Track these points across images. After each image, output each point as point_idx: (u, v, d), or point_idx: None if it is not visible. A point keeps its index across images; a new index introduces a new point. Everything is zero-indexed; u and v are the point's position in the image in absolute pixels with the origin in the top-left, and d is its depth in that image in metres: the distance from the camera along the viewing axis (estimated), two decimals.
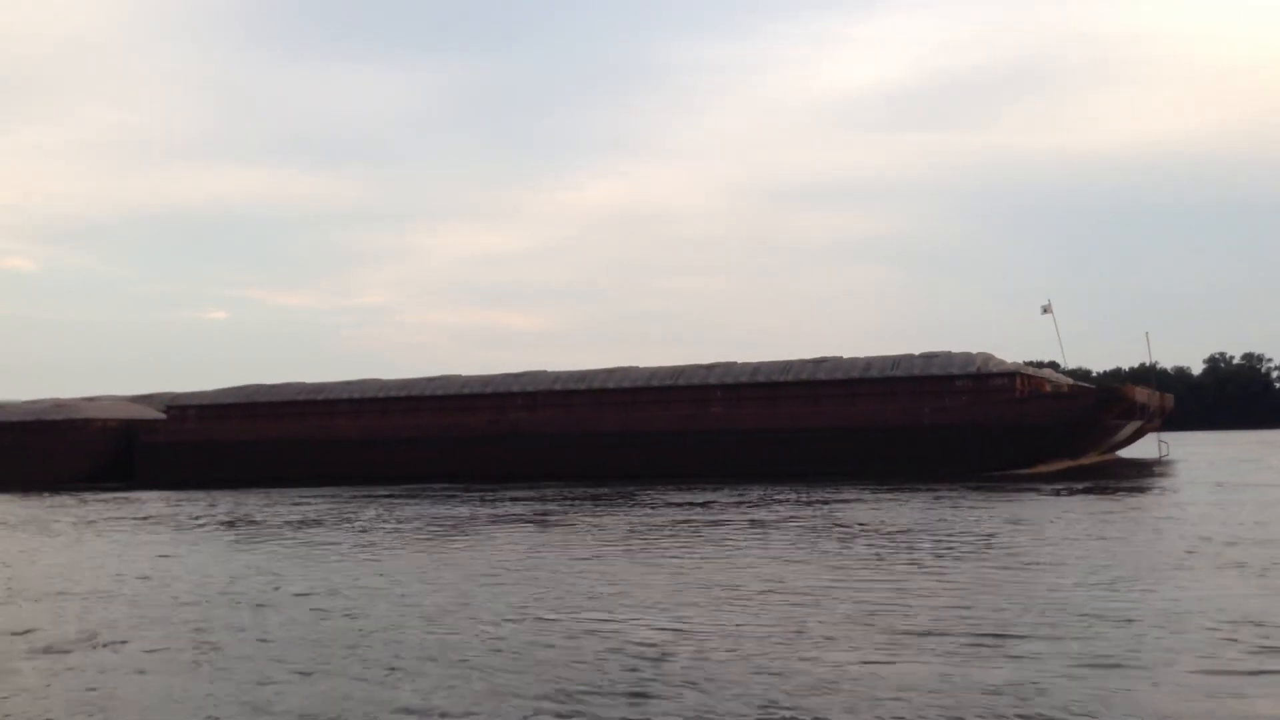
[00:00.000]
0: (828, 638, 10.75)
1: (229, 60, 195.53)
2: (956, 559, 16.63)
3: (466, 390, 53.21)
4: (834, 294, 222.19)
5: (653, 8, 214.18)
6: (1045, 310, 51.11)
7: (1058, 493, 30.21)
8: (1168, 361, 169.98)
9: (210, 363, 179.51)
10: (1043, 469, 42.52)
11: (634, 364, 52.58)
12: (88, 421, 58.34)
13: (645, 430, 48.16)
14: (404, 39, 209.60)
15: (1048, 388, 46.83)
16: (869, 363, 46.42)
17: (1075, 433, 42.81)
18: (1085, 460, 47.66)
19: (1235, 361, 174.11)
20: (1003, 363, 44.49)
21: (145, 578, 17.54)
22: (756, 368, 48.62)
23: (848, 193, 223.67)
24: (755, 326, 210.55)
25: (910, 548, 18.20)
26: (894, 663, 9.52)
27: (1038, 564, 15.81)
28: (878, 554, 17.54)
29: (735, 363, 49.75)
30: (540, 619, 12.31)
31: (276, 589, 15.66)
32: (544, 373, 53.14)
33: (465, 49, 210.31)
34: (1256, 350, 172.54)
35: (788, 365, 48.03)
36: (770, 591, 13.89)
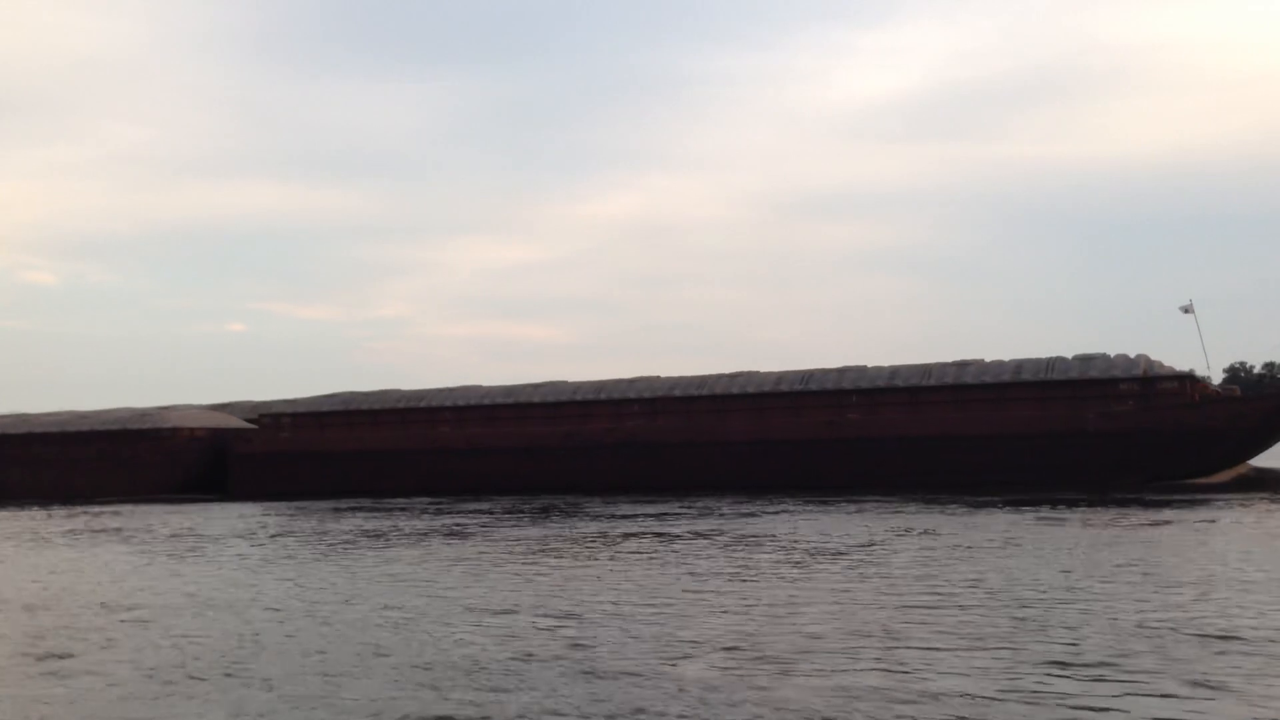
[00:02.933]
0: None
1: (248, 76, 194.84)
2: None
3: (579, 396, 50.78)
4: (853, 304, 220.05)
5: (669, 20, 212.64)
6: (1187, 310, 48.26)
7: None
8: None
9: (230, 374, 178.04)
10: (1217, 479, 39.79)
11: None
12: (175, 431, 56.30)
13: (776, 439, 45.59)
14: (422, 53, 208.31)
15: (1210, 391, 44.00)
16: (1019, 365, 43.69)
17: (1257, 439, 39.99)
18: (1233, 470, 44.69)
19: (1255, 371, 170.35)
20: (1166, 366, 41.71)
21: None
22: (894, 371, 45.96)
23: (865, 203, 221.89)
24: (774, 337, 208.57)
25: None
26: None
27: None
28: None
29: (867, 366, 47.14)
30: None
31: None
32: (659, 378, 50.67)
33: (483, 62, 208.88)
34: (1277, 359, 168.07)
35: (927, 369, 45.34)
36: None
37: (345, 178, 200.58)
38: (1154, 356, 42.23)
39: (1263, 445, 40.72)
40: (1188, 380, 41.06)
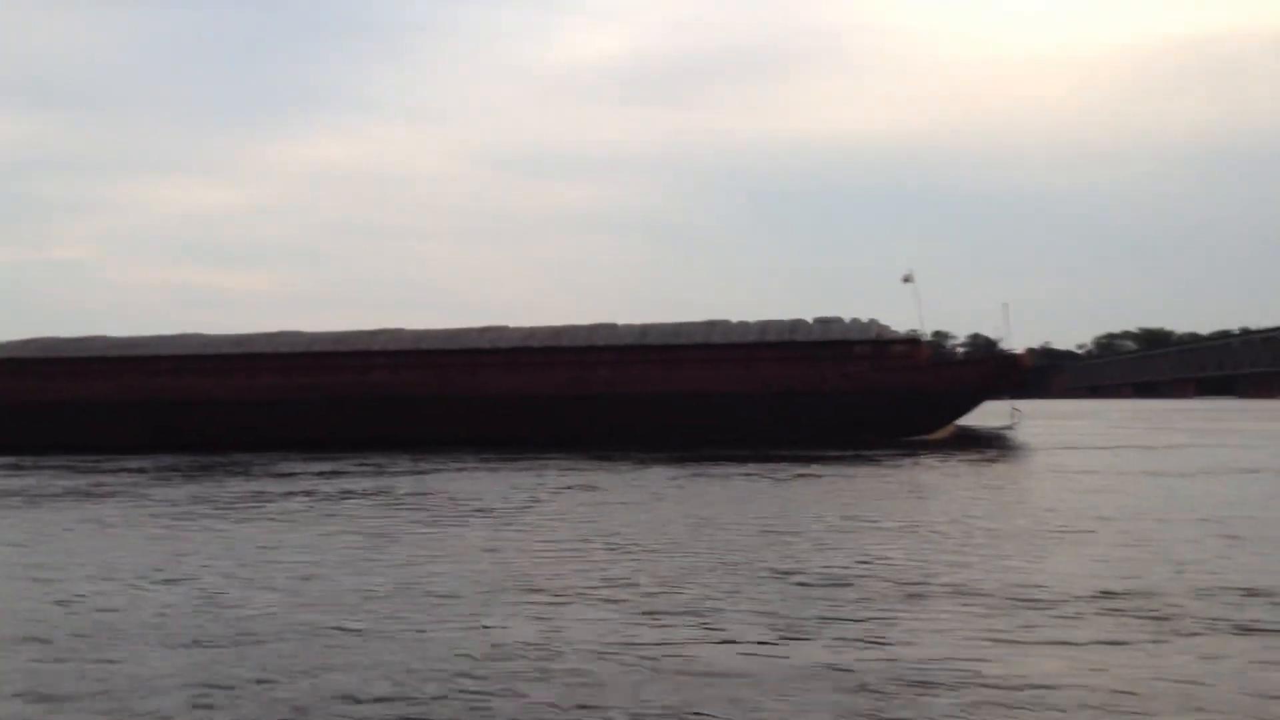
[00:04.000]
0: None
1: None
2: None
3: (317, 348, 48.05)
4: (574, 264, 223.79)
5: None
6: (907, 279, 51.32)
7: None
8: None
9: None
10: (937, 435, 42.68)
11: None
12: None
13: (527, 394, 44.97)
14: None
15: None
16: (765, 326, 45.14)
17: (978, 398, 43.21)
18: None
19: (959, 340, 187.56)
20: (897, 331, 44.28)
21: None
22: (644, 330, 46.36)
23: (585, 165, 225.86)
24: (493, 294, 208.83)
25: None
26: None
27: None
28: None
29: (618, 324, 47.28)
30: None
31: None
32: (405, 331, 48.79)
33: None
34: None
35: (678, 328, 46.04)
36: None
37: (26, 107, 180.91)
38: (847, 322, 44.53)
39: (975, 404, 44.04)
40: (914, 344, 43.80)
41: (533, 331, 47.37)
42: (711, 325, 45.81)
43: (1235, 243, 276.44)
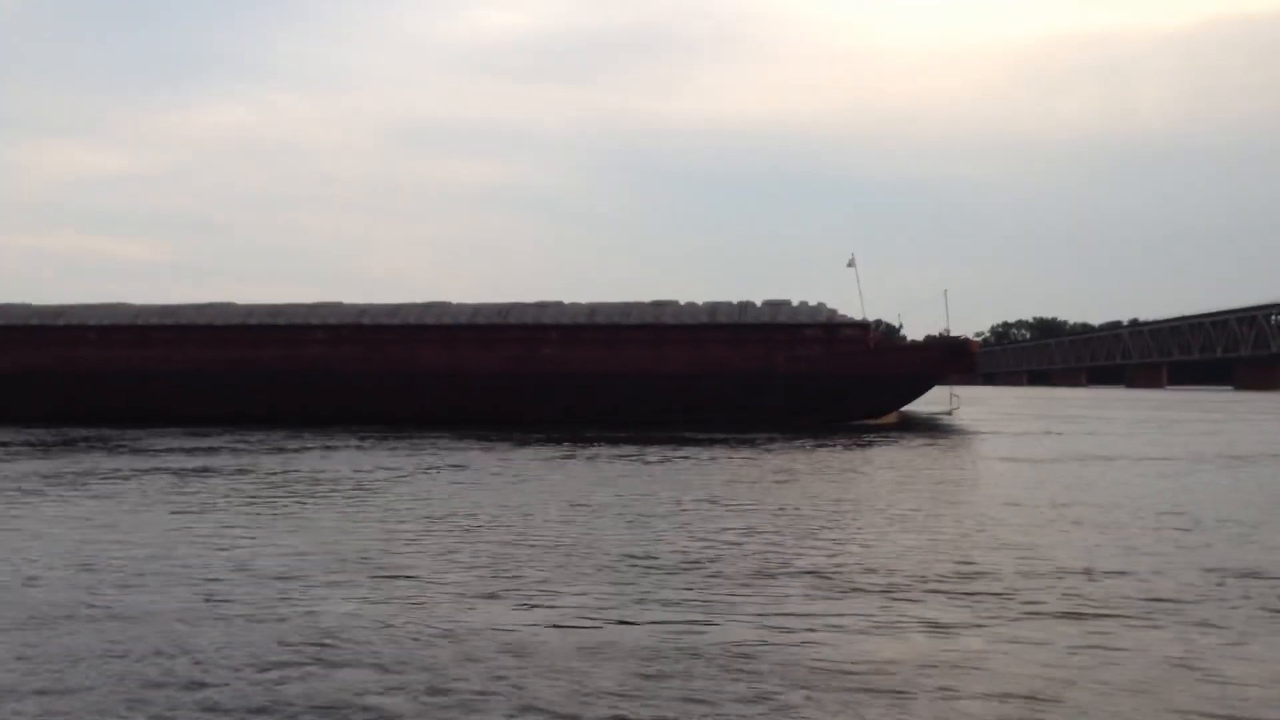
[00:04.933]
0: None
1: None
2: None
3: (252, 320, 46.27)
4: (474, 240, 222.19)
5: None
6: (850, 264, 51.77)
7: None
8: None
9: None
10: (884, 420, 43.13)
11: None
12: None
13: (469, 372, 44.03)
14: None
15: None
16: (714, 308, 44.93)
17: (926, 384, 43.73)
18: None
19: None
20: (846, 316, 44.50)
21: None
22: (593, 309, 45.75)
23: (486, 140, 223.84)
24: (391, 268, 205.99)
25: None
26: None
27: None
28: None
29: (565, 302, 46.57)
30: None
31: None
32: (344, 305, 47.29)
33: None
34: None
35: (627, 307, 45.54)
36: None
37: None
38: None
39: (924, 390, 44.61)
40: (864, 328, 44.11)
41: (478, 308, 46.35)
42: (660, 306, 45.42)
43: (1125, 236, 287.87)
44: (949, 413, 48.61)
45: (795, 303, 44.80)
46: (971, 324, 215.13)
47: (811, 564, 10.81)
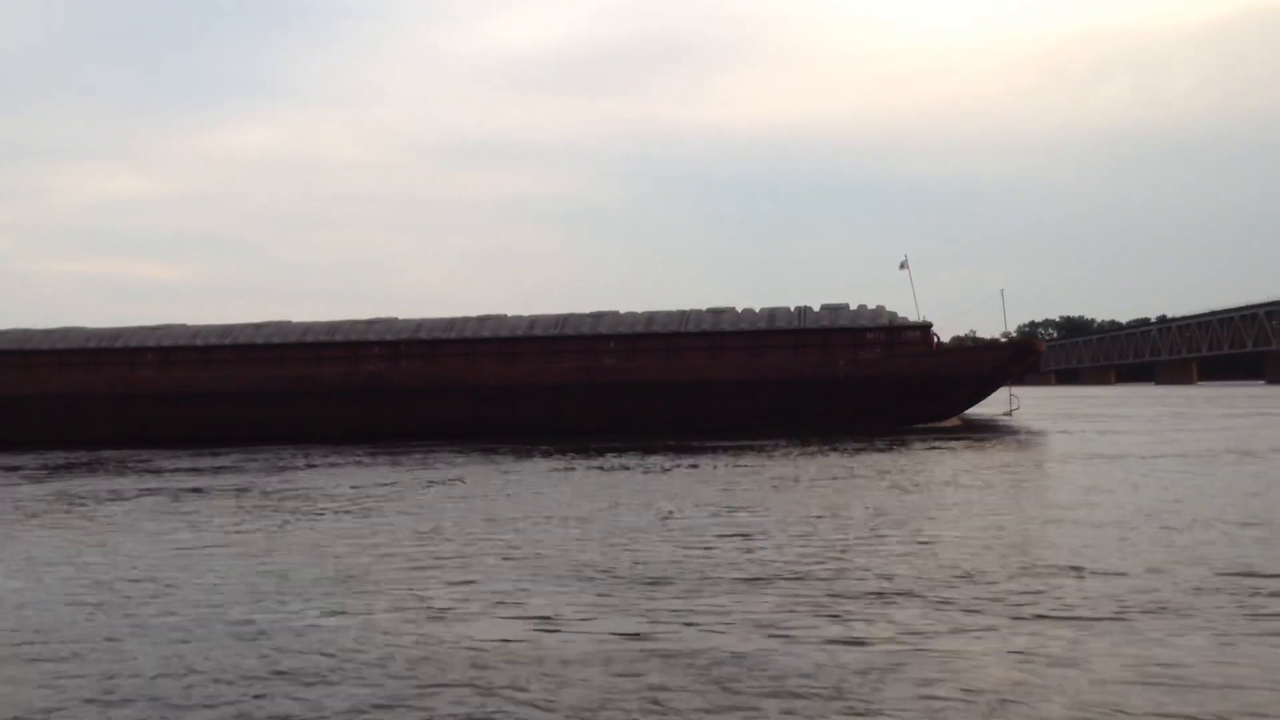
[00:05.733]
0: None
1: None
2: None
3: (310, 338, 46.45)
4: (503, 253, 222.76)
5: None
6: (903, 266, 51.57)
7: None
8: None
9: None
10: (948, 424, 42.92)
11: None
12: None
13: (530, 383, 44.06)
14: None
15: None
16: (772, 313, 44.86)
17: (992, 385, 43.51)
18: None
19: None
20: (905, 318, 44.36)
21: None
22: (650, 317, 45.77)
23: (513, 153, 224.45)
24: (420, 282, 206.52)
25: None
26: None
27: None
28: None
29: (621, 312, 46.59)
30: None
31: None
32: (399, 320, 47.42)
33: None
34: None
35: (684, 315, 45.54)
36: None
37: None
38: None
39: (990, 391, 44.37)
40: (926, 329, 43.94)
41: (535, 320, 46.44)
42: (718, 312, 45.39)
43: (1152, 232, 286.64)
44: (1009, 413, 48.35)
45: (854, 306, 44.70)
46: (998, 324, 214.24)
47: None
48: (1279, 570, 10.13)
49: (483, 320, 46.67)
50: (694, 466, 24.10)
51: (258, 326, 47.58)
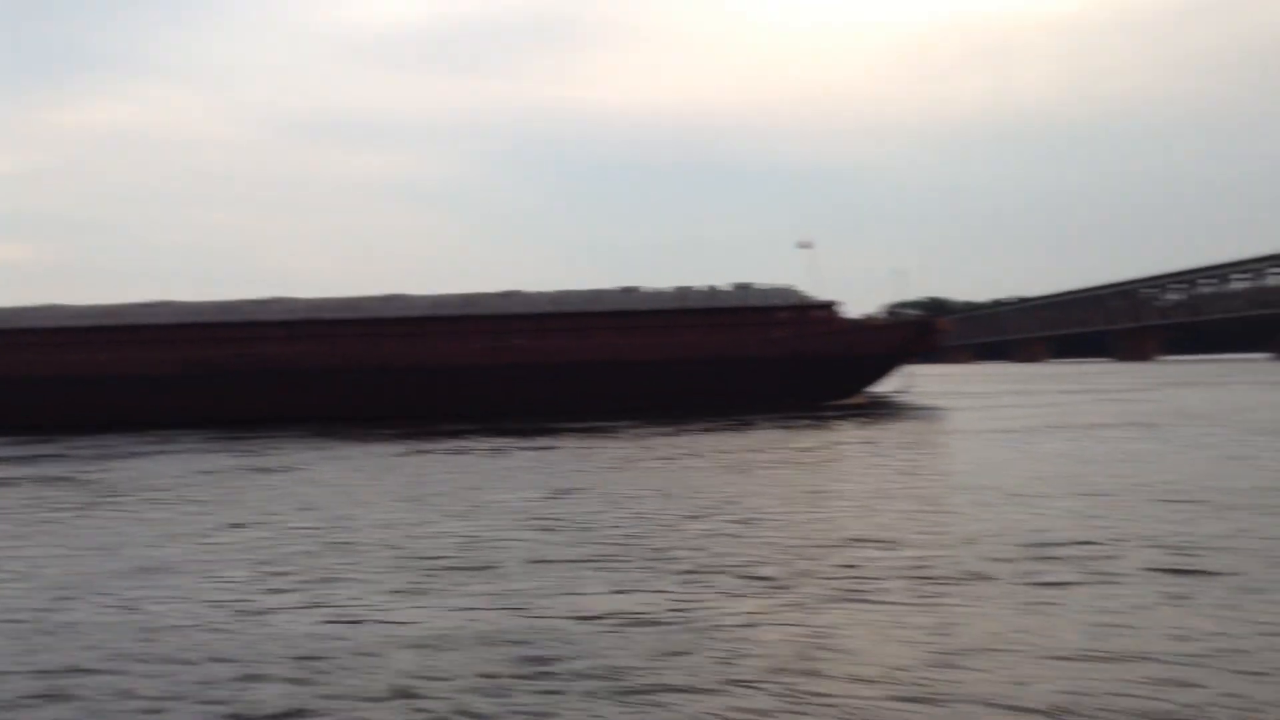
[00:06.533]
0: None
1: None
2: None
3: (204, 318, 44.28)
4: (371, 234, 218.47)
5: None
6: (806, 245, 52.06)
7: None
8: None
9: None
10: (855, 400, 43.68)
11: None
12: None
13: (436, 364, 43.02)
14: None
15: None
16: (683, 293, 44.83)
17: (897, 363, 44.39)
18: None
19: None
20: (814, 297, 44.88)
21: None
22: (559, 296, 45.19)
23: (380, 131, 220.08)
24: (294, 265, 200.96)
25: None
26: None
27: None
28: None
29: (528, 291, 45.86)
30: None
31: None
32: (298, 299, 45.64)
33: None
34: None
35: (595, 295, 45.11)
36: None
37: None
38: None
39: (895, 368, 45.32)
40: (832, 308, 44.59)
41: (439, 300, 45.33)
42: (629, 292, 45.13)
43: (1009, 216, 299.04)
44: (905, 391, 49.53)
45: (762, 284, 45.03)
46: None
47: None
48: (1065, 539, 10.38)
49: (386, 299, 45.33)
50: (546, 449, 23.52)
51: (144, 306, 45.09)
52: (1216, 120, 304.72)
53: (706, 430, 28.33)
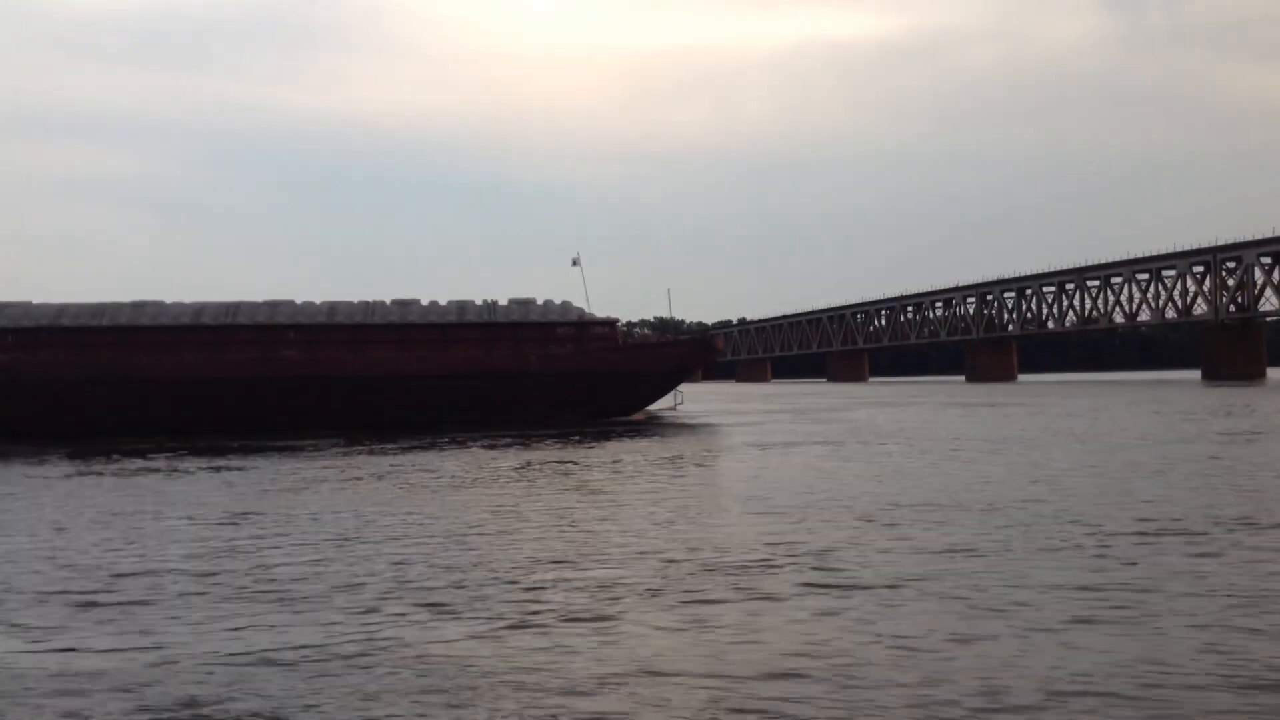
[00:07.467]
0: None
1: None
2: None
3: None
4: (63, 237, 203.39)
5: None
6: (575, 263, 52.59)
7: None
8: None
9: None
10: (635, 416, 44.51)
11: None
12: None
13: (195, 377, 40.23)
14: None
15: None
16: (461, 307, 44.13)
17: (676, 380, 45.43)
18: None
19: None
20: (594, 314, 45.36)
21: None
22: (332, 307, 43.35)
23: (83, 127, 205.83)
24: None
25: None
26: None
27: None
28: None
29: (298, 301, 43.70)
30: None
31: None
32: (38, 305, 41.41)
33: None
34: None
35: (369, 307, 43.59)
36: None
37: None
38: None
39: (674, 385, 46.46)
40: (612, 325, 45.24)
41: (201, 307, 42.43)
42: (405, 305, 43.94)
43: (733, 241, 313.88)
44: (674, 408, 50.98)
45: (541, 301, 45.09)
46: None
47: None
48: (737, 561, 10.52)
49: (138, 306, 41.92)
50: (240, 470, 22.34)
51: None
52: (897, 159, 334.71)
53: (387, 452, 26.75)
